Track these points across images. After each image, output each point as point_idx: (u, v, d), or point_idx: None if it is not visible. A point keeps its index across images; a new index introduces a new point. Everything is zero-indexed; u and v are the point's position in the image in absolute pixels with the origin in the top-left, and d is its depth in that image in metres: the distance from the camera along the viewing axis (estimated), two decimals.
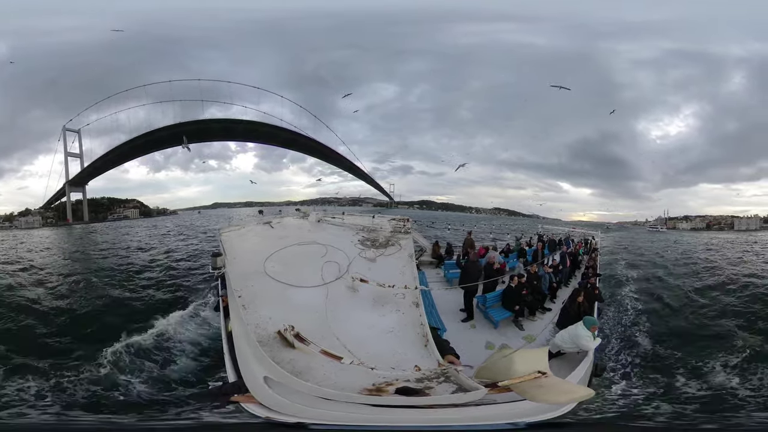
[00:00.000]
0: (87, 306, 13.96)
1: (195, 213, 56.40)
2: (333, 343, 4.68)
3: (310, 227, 8.98)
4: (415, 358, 4.65)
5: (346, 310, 5.49)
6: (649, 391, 7.97)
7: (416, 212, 52.28)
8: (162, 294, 15.74)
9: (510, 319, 8.47)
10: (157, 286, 17.12)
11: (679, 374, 8.76)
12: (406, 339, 5.02)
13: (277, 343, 4.57)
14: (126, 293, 15.78)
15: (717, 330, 11.65)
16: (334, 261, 6.63)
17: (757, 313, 12.84)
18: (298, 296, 5.71)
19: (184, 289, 16.32)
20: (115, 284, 17.18)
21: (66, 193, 53.49)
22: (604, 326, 11.50)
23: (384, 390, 3.87)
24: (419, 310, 5.47)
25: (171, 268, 21.20)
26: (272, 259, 6.61)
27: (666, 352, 10.07)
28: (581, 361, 6.00)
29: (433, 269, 12.47)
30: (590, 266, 13.46)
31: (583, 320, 6.54)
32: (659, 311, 13.86)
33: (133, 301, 14.79)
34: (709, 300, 14.98)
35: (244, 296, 5.50)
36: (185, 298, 14.62)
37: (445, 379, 4.13)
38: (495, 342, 7.55)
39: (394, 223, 8.60)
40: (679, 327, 12.18)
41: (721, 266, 22.91)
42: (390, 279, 6.00)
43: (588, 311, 8.03)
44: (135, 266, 21.88)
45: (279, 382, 4.05)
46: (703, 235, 38.61)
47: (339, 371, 4.14)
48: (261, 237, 8.30)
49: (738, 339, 10.66)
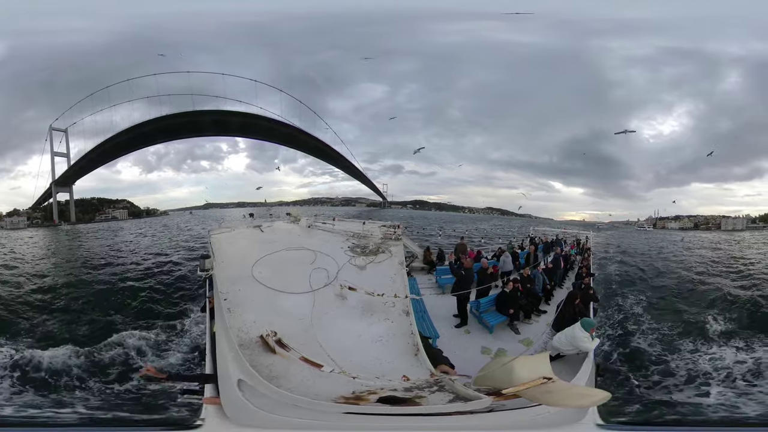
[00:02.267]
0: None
1: (186, 214, 55.55)
2: (316, 350, 4.61)
3: (300, 232, 8.88)
4: (403, 367, 4.57)
5: (333, 318, 5.41)
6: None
7: (410, 212, 52.14)
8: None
9: (505, 323, 8.39)
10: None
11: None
12: (395, 348, 4.94)
13: (258, 347, 4.52)
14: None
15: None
16: (323, 267, 6.50)
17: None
18: (285, 302, 5.62)
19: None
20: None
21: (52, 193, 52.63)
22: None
23: (364, 398, 3.78)
24: (410, 319, 5.37)
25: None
26: (260, 263, 6.52)
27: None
28: (583, 363, 5.92)
29: (425, 275, 12.36)
30: (584, 266, 13.43)
31: (580, 322, 6.48)
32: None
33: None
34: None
35: (230, 299, 5.44)
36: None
37: (439, 388, 3.99)
38: (491, 347, 7.45)
39: (384, 230, 8.49)
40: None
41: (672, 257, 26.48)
42: (380, 287, 5.87)
43: (584, 312, 7.99)
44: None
45: (251, 385, 4.01)
46: (688, 234, 39.64)
47: (317, 379, 4.09)
48: (250, 240, 8.20)
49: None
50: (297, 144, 52.35)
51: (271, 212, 15.96)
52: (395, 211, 52.31)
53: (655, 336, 12.30)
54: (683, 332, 12.54)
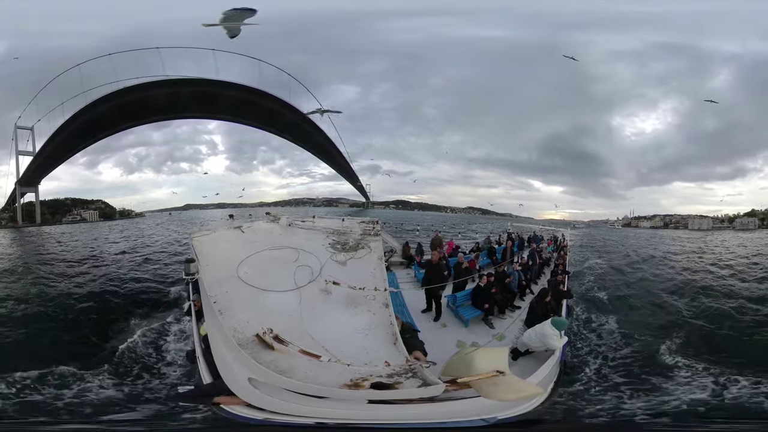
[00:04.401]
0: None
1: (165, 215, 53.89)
2: (309, 343, 4.85)
3: (281, 231, 9.00)
4: (385, 355, 4.87)
5: (320, 312, 5.67)
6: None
7: (393, 212, 52.31)
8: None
9: (480, 317, 8.68)
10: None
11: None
12: (377, 338, 5.25)
13: (256, 346, 4.69)
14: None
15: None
16: (306, 265, 6.74)
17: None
18: (273, 300, 5.83)
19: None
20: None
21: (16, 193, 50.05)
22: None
23: (361, 385, 4.09)
24: (389, 311, 5.68)
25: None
26: (245, 264, 6.68)
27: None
28: (547, 360, 6.23)
29: (404, 270, 12.62)
30: (559, 263, 13.75)
31: (551, 320, 6.73)
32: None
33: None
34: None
35: (219, 302, 5.57)
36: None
37: (412, 374, 4.33)
38: (466, 340, 7.72)
39: (363, 226, 8.71)
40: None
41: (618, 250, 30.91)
42: (361, 281, 6.17)
43: (556, 310, 8.27)
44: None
45: (264, 382, 4.20)
46: (650, 232, 41.64)
47: (319, 369, 4.33)
48: (232, 242, 8.30)
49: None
50: (299, 135, 48.99)
51: (251, 213, 15.85)
52: (378, 211, 52.33)
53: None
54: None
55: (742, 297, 14.81)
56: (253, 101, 44.27)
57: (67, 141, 46.86)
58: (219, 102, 44.25)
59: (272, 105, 45.25)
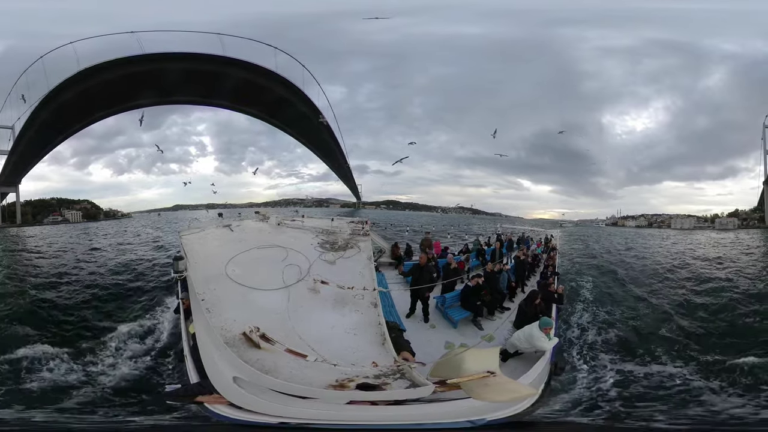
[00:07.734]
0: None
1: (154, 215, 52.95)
2: (296, 342, 4.82)
3: (270, 230, 8.96)
4: (373, 355, 4.85)
5: (308, 311, 5.65)
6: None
7: (384, 212, 52.22)
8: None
9: (469, 318, 8.69)
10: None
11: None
12: (365, 338, 5.23)
13: (242, 344, 4.65)
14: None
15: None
16: (295, 264, 6.72)
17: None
18: (261, 299, 5.80)
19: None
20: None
21: None
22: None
23: (346, 386, 4.05)
24: (377, 311, 5.67)
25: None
26: (234, 262, 6.65)
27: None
28: (537, 361, 6.22)
29: (393, 270, 12.58)
30: (549, 265, 13.76)
31: (539, 321, 6.71)
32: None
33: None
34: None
35: (207, 300, 5.53)
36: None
37: (401, 375, 4.30)
38: (455, 341, 7.71)
39: (353, 226, 8.69)
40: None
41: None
42: (350, 281, 6.17)
43: (545, 311, 8.19)
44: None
45: (249, 381, 4.13)
46: (633, 231, 42.48)
47: (304, 368, 4.29)
48: (221, 240, 8.25)
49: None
50: (309, 131, 46.85)
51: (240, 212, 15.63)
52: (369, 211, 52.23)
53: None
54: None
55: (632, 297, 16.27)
56: (260, 86, 41.69)
57: (40, 136, 44.67)
58: (217, 84, 40.61)
59: (283, 92, 42.99)
